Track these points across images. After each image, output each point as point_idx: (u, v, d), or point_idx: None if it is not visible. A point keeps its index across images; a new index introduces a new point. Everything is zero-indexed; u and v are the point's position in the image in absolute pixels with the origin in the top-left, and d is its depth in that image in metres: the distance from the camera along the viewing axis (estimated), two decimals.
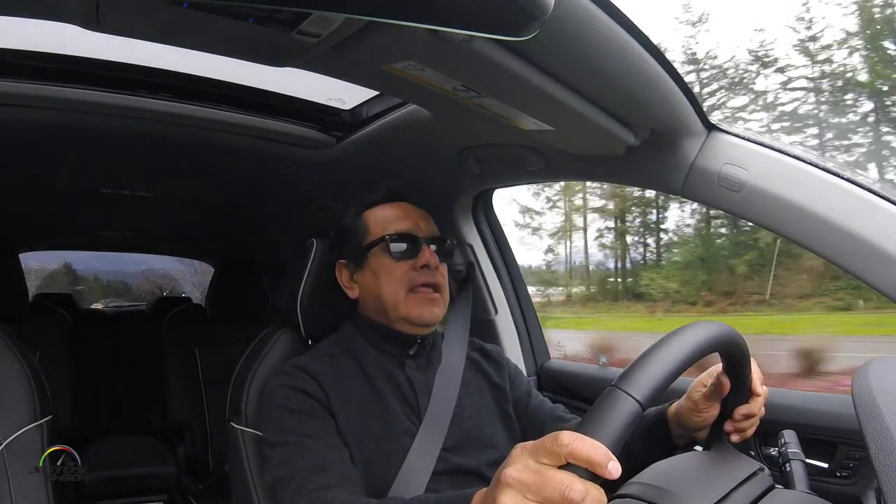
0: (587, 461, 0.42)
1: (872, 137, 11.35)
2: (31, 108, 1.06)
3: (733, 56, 14.60)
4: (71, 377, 2.19)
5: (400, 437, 0.86)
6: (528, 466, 0.44)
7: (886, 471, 0.49)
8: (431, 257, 0.93)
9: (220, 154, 1.36)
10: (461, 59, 0.67)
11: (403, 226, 0.95)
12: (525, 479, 0.44)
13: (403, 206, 0.99)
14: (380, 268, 0.94)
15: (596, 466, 0.42)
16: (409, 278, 0.92)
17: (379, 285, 0.93)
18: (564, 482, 0.42)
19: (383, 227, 0.96)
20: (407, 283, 0.92)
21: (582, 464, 0.43)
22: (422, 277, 0.92)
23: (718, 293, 11.99)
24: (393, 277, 0.92)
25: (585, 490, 0.42)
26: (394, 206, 0.99)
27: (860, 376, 0.57)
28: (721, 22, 17.65)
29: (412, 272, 0.92)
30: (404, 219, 0.96)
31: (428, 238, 0.95)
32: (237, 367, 1.05)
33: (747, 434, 0.73)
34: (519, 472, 0.44)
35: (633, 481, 0.59)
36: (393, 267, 0.93)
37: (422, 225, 0.97)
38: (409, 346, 0.95)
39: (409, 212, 0.98)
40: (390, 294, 0.92)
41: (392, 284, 0.92)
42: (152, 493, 1.99)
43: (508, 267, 1.54)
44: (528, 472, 0.44)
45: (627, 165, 1.00)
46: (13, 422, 0.92)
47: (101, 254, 4.11)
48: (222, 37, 0.67)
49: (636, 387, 0.46)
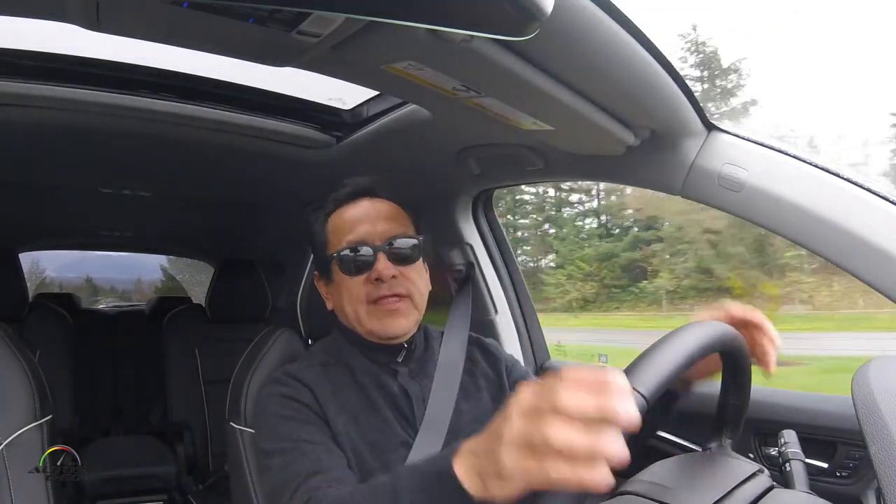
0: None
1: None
2: (31, 108, 1.06)
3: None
4: (71, 377, 2.19)
5: (396, 449, 0.84)
6: (536, 392, 0.45)
7: (886, 471, 0.49)
8: (385, 269, 0.86)
9: (219, 154, 1.36)
10: (461, 58, 0.67)
11: (356, 234, 0.89)
12: (538, 392, 0.44)
13: (363, 207, 0.93)
14: (340, 282, 0.90)
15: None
16: (366, 293, 0.87)
17: (342, 303, 0.90)
18: (580, 396, 0.42)
19: (339, 237, 0.90)
20: (365, 298, 0.87)
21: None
22: (379, 290, 0.87)
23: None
24: (351, 294, 0.88)
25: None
26: (355, 207, 0.93)
27: (860, 376, 0.57)
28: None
29: (369, 286, 0.87)
30: (360, 223, 0.90)
31: (386, 242, 0.89)
32: (237, 367, 1.05)
33: (770, 363, 0.71)
34: (531, 396, 0.45)
35: (634, 479, 0.59)
36: (349, 283, 0.88)
37: (380, 227, 0.90)
38: (396, 354, 0.92)
39: (368, 212, 0.92)
40: (351, 311, 0.89)
41: (351, 302, 0.88)
42: (152, 493, 1.99)
43: (508, 267, 1.54)
44: (538, 395, 0.44)
45: (627, 165, 1.00)
46: (13, 422, 0.92)
47: (117, 262, 4.13)
48: (222, 37, 0.67)
49: (640, 382, 0.47)
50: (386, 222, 0.91)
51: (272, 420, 0.84)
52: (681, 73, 0.79)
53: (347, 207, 0.94)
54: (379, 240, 0.89)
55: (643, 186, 1.11)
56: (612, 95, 0.80)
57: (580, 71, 0.73)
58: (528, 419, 0.44)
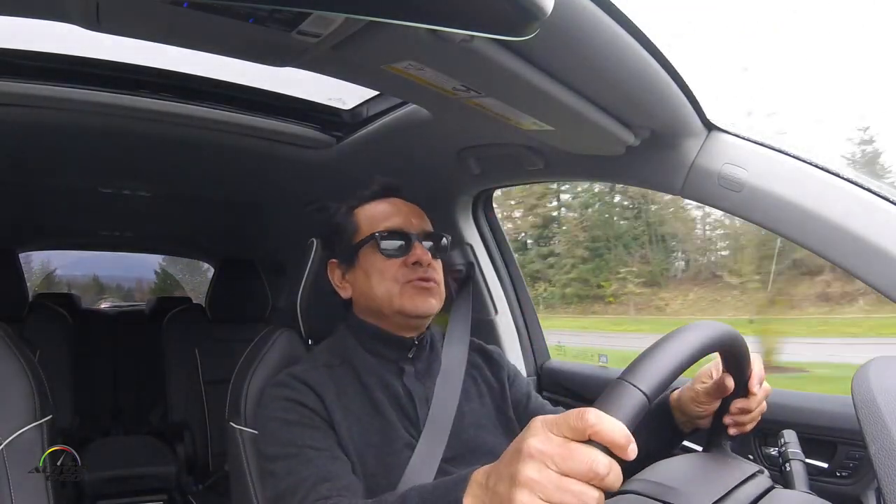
0: (610, 441, 0.43)
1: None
2: (31, 108, 1.06)
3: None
4: (71, 377, 2.19)
5: (400, 450, 0.84)
6: (552, 439, 0.45)
7: (886, 471, 0.49)
8: (423, 254, 0.90)
9: (220, 154, 1.36)
10: (461, 59, 0.67)
11: (394, 222, 0.93)
12: (549, 450, 0.44)
13: (395, 202, 0.97)
14: (371, 266, 0.92)
15: (617, 447, 0.43)
16: (401, 275, 0.90)
17: (370, 284, 0.91)
18: (591, 455, 0.43)
19: (374, 224, 0.93)
20: (401, 278, 0.90)
21: (604, 443, 0.43)
22: (414, 274, 0.90)
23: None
24: (385, 276, 0.90)
25: (609, 465, 0.43)
26: (385, 202, 0.97)
27: (860, 376, 0.57)
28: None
29: (404, 269, 0.90)
30: (395, 215, 0.94)
31: (420, 234, 0.93)
32: (237, 367, 1.05)
33: (745, 429, 0.73)
34: (543, 444, 0.44)
35: (635, 478, 0.59)
36: (384, 265, 0.90)
37: (413, 221, 0.94)
38: (407, 349, 0.93)
39: (400, 207, 0.96)
40: (383, 290, 0.90)
41: (384, 283, 0.90)
42: (152, 493, 1.99)
43: (508, 267, 1.54)
44: (551, 444, 0.44)
45: (627, 165, 1.00)
46: (13, 422, 0.92)
47: (124, 260, 4.13)
48: (222, 37, 0.67)
49: (643, 380, 0.47)
50: (418, 218, 0.96)
51: (276, 424, 0.83)
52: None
53: (378, 202, 0.97)
54: (415, 230, 0.93)
55: (643, 186, 1.11)
56: (612, 95, 0.80)
57: (580, 71, 0.73)
58: (540, 465, 0.44)
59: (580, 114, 0.80)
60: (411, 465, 0.83)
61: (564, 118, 0.84)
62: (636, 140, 0.92)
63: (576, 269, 9.18)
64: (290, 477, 0.77)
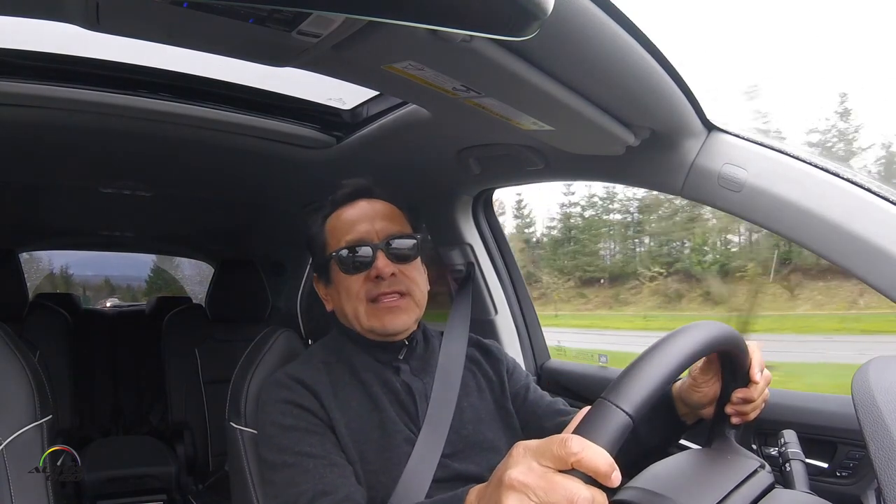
0: (593, 470, 0.42)
1: None
2: (31, 108, 1.06)
3: None
4: (71, 377, 2.19)
5: (399, 446, 0.84)
6: (533, 469, 0.44)
7: (886, 471, 0.49)
8: (385, 266, 0.87)
9: (219, 154, 1.36)
10: (461, 59, 0.67)
11: (355, 234, 0.90)
12: (530, 482, 0.43)
13: (361, 206, 0.94)
14: (339, 283, 0.91)
15: (601, 476, 0.42)
16: (366, 291, 0.88)
17: (341, 301, 0.90)
18: (572, 489, 0.42)
19: (338, 237, 0.91)
20: (365, 296, 0.88)
21: (587, 472, 0.42)
22: (379, 288, 0.88)
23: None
24: (350, 294, 0.89)
25: (592, 496, 0.42)
26: (352, 208, 0.94)
27: (860, 376, 0.57)
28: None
29: (368, 284, 0.88)
30: (359, 223, 0.91)
31: (383, 241, 0.89)
32: (237, 367, 1.05)
33: (748, 417, 0.72)
34: (524, 476, 0.44)
35: (629, 486, 0.58)
36: (348, 282, 0.89)
37: (378, 226, 0.90)
38: (398, 351, 0.93)
39: (365, 213, 0.92)
40: (351, 309, 0.89)
41: (350, 301, 0.89)
42: (152, 493, 2.00)
43: (508, 267, 1.54)
44: (532, 475, 0.43)
45: (627, 165, 1.00)
46: (13, 422, 0.92)
47: (129, 260, 4.13)
48: (222, 37, 0.67)
49: (626, 399, 0.46)
50: (383, 222, 0.92)
51: (273, 429, 0.83)
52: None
53: (345, 209, 0.95)
54: (377, 238, 0.90)
55: (643, 186, 1.11)
56: (612, 95, 0.80)
57: (580, 71, 0.73)
58: (521, 497, 0.44)
59: (580, 114, 0.80)
60: (412, 460, 0.83)
61: (564, 118, 0.84)
62: (636, 140, 0.92)
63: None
64: (289, 489, 0.77)
